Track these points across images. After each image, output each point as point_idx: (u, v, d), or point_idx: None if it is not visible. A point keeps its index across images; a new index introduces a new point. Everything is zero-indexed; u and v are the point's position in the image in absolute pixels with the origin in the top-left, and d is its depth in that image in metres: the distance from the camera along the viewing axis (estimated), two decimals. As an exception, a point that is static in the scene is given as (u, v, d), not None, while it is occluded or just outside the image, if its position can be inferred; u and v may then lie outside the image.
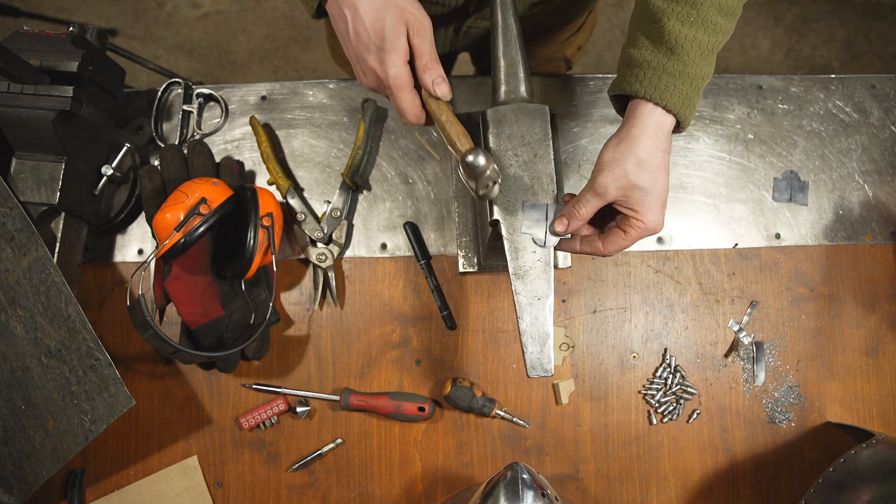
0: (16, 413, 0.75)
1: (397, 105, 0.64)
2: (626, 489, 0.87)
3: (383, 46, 0.61)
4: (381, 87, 0.64)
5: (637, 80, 0.65)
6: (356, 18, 0.61)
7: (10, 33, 0.79)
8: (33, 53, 0.76)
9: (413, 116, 0.64)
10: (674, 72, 0.64)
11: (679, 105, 0.64)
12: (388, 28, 0.61)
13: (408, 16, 0.61)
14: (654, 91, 0.64)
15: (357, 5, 0.61)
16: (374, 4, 0.61)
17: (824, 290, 0.91)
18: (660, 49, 0.65)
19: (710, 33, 0.64)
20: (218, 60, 2.22)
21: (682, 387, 0.87)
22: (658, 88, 0.64)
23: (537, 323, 0.65)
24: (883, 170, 0.94)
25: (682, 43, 0.64)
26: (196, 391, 0.88)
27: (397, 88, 0.62)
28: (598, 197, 0.64)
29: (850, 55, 2.24)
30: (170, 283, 0.81)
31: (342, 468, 0.87)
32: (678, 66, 0.64)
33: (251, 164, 0.93)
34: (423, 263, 0.89)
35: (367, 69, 0.63)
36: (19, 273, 0.75)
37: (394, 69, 0.61)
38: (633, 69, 0.66)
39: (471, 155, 0.61)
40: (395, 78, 0.62)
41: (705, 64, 0.66)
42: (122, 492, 0.85)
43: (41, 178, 0.79)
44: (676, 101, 0.64)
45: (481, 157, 0.61)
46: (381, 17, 0.61)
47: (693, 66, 0.64)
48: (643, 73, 0.65)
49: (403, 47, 0.61)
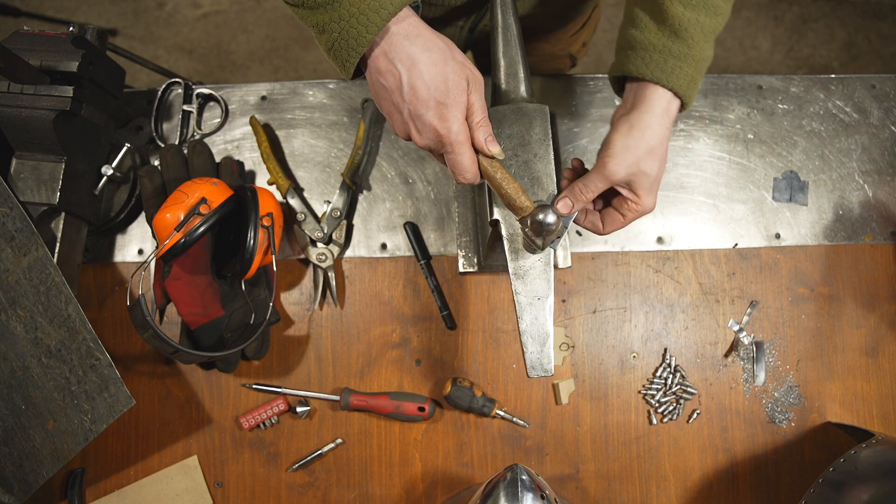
0: (16, 413, 0.75)
1: (456, 162, 0.61)
2: (626, 489, 0.87)
3: (446, 102, 0.58)
4: (439, 143, 0.60)
5: (643, 63, 0.65)
6: (413, 73, 0.58)
7: (10, 33, 0.79)
8: (33, 53, 0.76)
9: (472, 174, 0.61)
10: (679, 55, 0.65)
11: (685, 88, 0.65)
12: (451, 83, 0.58)
13: (467, 72, 0.59)
14: (660, 74, 0.64)
15: (415, 59, 0.58)
16: (433, 59, 0.58)
17: (824, 290, 0.91)
18: (664, 31, 0.65)
19: (711, 16, 0.65)
20: (218, 60, 2.22)
21: (682, 387, 0.87)
22: (665, 71, 0.64)
23: (537, 323, 0.65)
24: (883, 170, 0.94)
25: (686, 26, 0.64)
26: (196, 391, 0.88)
27: (459, 144, 0.59)
28: (606, 181, 0.65)
29: (850, 55, 2.24)
30: (170, 283, 0.81)
31: (342, 468, 0.87)
32: (683, 49, 0.65)
33: (251, 164, 0.93)
34: (423, 263, 0.89)
35: (425, 125, 0.59)
36: (19, 273, 0.75)
37: (456, 125, 0.59)
38: (639, 51, 0.66)
39: (541, 213, 0.60)
40: (457, 133, 0.59)
41: (707, 47, 0.66)
42: (122, 492, 0.85)
43: (41, 178, 0.79)
44: (683, 84, 0.64)
45: (551, 214, 0.60)
46: (442, 73, 0.58)
47: (697, 48, 0.65)
48: (649, 55, 0.65)
49: (465, 103, 0.59)
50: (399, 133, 0.63)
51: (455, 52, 0.60)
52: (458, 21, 0.90)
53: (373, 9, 0.57)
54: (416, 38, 0.58)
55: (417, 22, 0.60)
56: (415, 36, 0.58)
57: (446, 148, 0.60)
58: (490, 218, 0.68)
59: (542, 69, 1.15)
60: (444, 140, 0.59)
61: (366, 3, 0.57)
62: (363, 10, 0.57)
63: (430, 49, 0.58)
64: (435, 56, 0.58)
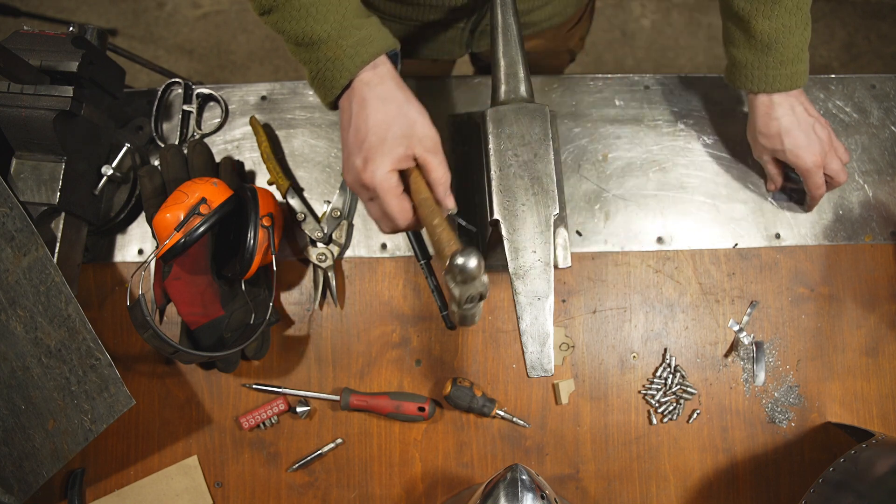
0: (16, 413, 0.75)
1: (385, 209, 0.60)
2: (626, 489, 0.87)
3: (378, 149, 0.59)
4: (363, 189, 0.61)
5: (748, 80, 0.78)
6: (360, 116, 0.60)
7: (10, 33, 0.79)
8: (33, 53, 0.76)
9: (403, 220, 0.61)
10: (775, 64, 0.76)
11: (789, 85, 0.77)
12: (391, 134, 0.59)
13: (418, 129, 0.60)
14: (764, 86, 0.77)
15: (366, 104, 0.60)
16: (384, 108, 0.60)
17: (824, 290, 0.91)
18: (756, 47, 0.75)
19: (791, 14, 0.73)
20: (218, 60, 2.22)
21: (682, 387, 0.87)
22: (766, 82, 0.77)
23: (537, 323, 0.65)
24: (883, 170, 0.94)
25: (775, 37, 0.73)
26: (196, 391, 0.88)
27: (384, 192, 0.59)
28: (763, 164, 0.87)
29: (850, 55, 2.24)
30: (170, 283, 0.81)
31: (342, 468, 0.87)
32: (778, 58, 0.75)
33: (251, 164, 0.93)
34: (423, 263, 0.89)
35: (352, 168, 0.61)
36: (19, 273, 0.75)
37: (380, 173, 0.59)
38: (740, 69, 0.79)
39: (461, 256, 0.53)
40: (382, 181, 0.59)
41: (800, 39, 0.75)
42: (122, 492, 0.85)
43: (41, 178, 0.79)
44: (785, 83, 0.77)
45: (474, 257, 0.53)
46: (385, 121, 0.59)
47: (791, 49, 0.75)
48: (750, 73, 0.77)
49: (400, 156, 0.59)
50: (343, 173, 0.65)
51: (412, 106, 0.61)
52: (459, 22, 0.90)
53: (348, 55, 0.60)
54: (376, 86, 0.61)
55: (387, 71, 0.62)
56: (377, 84, 0.61)
57: (373, 194, 0.60)
58: (490, 218, 0.68)
59: (541, 65, 1.15)
60: (367, 185, 0.60)
61: (342, 49, 0.60)
62: (339, 56, 0.61)
63: (384, 99, 0.60)
64: (388, 106, 0.60)
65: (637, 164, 0.93)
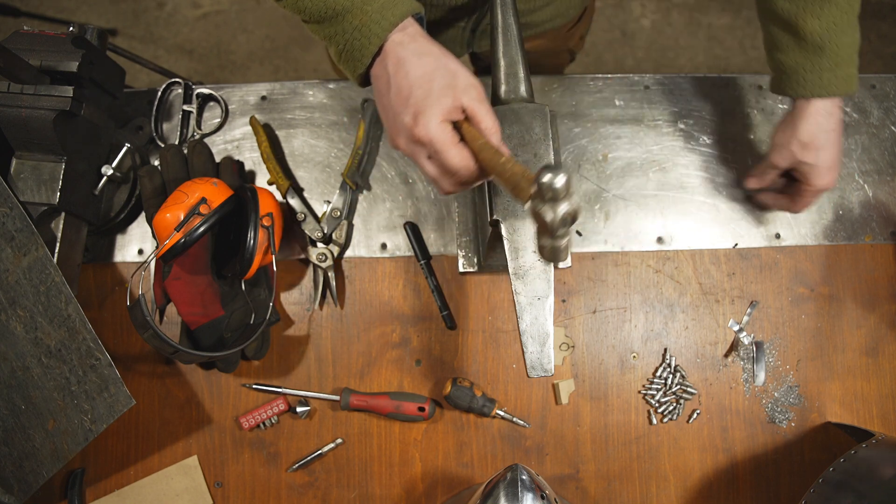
0: (16, 413, 0.75)
1: (446, 162, 0.57)
2: (626, 489, 0.87)
3: (425, 103, 0.57)
4: (418, 145, 0.58)
5: (800, 86, 0.73)
6: (399, 74, 0.58)
7: (10, 33, 0.79)
8: (33, 53, 0.76)
9: (466, 170, 0.58)
10: (829, 66, 0.71)
11: (844, 89, 0.72)
12: (435, 86, 0.57)
13: (461, 79, 0.58)
14: (818, 90, 0.72)
15: (404, 61, 0.58)
16: (422, 62, 0.58)
17: (824, 290, 0.91)
18: (807, 49, 0.71)
19: (843, 11, 0.69)
20: (218, 60, 2.22)
21: (682, 387, 0.87)
22: (821, 86, 0.72)
23: (537, 323, 0.65)
24: (883, 170, 0.94)
25: (826, 37, 0.69)
26: (196, 391, 0.88)
27: (442, 143, 0.56)
28: (773, 168, 0.82)
29: (850, 55, 2.24)
30: (170, 283, 0.81)
31: (342, 468, 0.87)
32: (832, 60, 0.70)
33: (251, 164, 0.93)
34: (423, 263, 0.89)
35: (402, 127, 0.58)
36: (19, 273, 0.75)
37: (434, 125, 0.56)
38: (791, 76, 0.74)
39: (549, 172, 0.46)
40: (437, 133, 0.56)
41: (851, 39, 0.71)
42: (122, 492, 0.85)
43: (41, 178, 0.79)
44: (842, 87, 0.72)
45: (561, 172, 0.46)
46: (428, 75, 0.58)
47: (844, 50, 0.70)
48: (802, 77, 0.73)
49: (448, 107, 0.57)
50: (389, 141, 0.62)
51: (449, 58, 0.60)
52: (459, 22, 0.90)
53: (374, 20, 0.59)
54: (409, 44, 0.59)
55: (416, 31, 0.61)
56: (409, 42, 0.60)
57: (429, 149, 0.58)
58: (490, 218, 0.68)
59: (541, 65, 1.15)
60: (422, 140, 0.57)
61: (367, 15, 0.59)
62: (365, 23, 0.59)
63: (421, 54, 0.59)
64: (425, 60, 0.59)
65: (637, 164, 0.93)
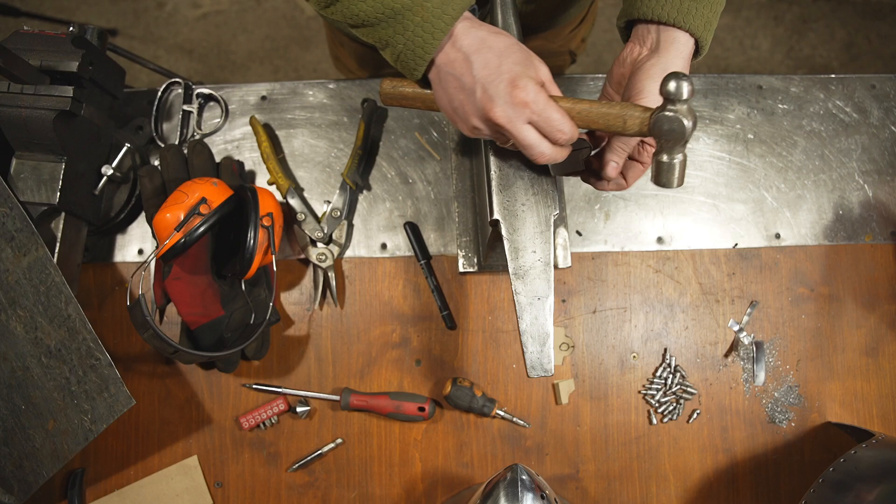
0: (16, 413, 0.75)
1: (549, 123, 0.58)
2: (626, 489, 0.87)
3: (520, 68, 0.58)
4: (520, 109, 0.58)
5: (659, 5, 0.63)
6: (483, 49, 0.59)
7: (10, 33, 0.79)
8: (33, 53, 0.76)
9: (569, 127, 0.59)
10: None
11: (702, 29, 0.64)
12: (524, 55, 0.59)
13: (534, 58, 0.60)
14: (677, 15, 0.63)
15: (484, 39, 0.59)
16: (500, 39, 0.60)
17: (824, 290, 0.91)
18: None
19: None
20: (218, 60, 2.22)
21: (682, 387, 0.87)
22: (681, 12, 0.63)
23: (537, 323, 0.65)
24: (883, 170, 0.94)
25: None
26: (196, 391, 0.88)
27: (545, 102, 0.58)
28: None
29: (850, 55, 2.24)
30: (170, 283, 0.81)
31: (342, 468, 0.87)
32: None
33: (251, 164, 0.93)
34: (423, 263, 0.89)
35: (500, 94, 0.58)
36: (19, 273, 0.75)
37: (532, 87, 0.58)
38: None
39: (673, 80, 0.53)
40: (537, 93, 0.58)
41: None
42: (122, 492, 0.85)
43: (41, 178, 0.79)
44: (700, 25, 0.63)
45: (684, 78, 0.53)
46: (511, 47, 0.59)
47: None
48: None
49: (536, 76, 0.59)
50: (468, 124, 0.62)
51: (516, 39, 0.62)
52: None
53: (436, 16, 0.59)
54: (480, 27, 0.60)
55: (477, 20, 0.62)
56: (477, 27, 0.60)
57: (531, 111, 0.58)
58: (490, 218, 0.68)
59: None
60: (524, 102, 0.57)
61: (428, 10, 0.59)
62: (427, 19, 0.59)
63: (495, 32, 0.60)
64: (501, 37, 0.60)
65: (637, 164, 0.93)
